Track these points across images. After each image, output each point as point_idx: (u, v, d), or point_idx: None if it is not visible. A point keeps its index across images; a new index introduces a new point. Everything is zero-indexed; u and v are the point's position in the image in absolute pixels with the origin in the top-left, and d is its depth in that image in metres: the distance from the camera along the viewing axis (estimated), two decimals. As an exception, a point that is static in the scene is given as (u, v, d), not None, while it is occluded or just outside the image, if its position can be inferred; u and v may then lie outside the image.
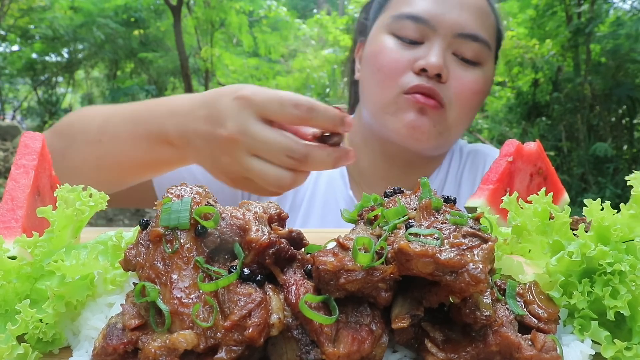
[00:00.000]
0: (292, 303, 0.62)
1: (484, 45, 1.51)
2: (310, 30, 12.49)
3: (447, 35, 1.47)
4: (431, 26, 1.47)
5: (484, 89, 1.56)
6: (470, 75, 1.51)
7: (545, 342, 0.61)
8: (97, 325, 0.69)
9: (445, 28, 1.47)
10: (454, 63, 1.49)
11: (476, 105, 1.58)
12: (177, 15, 9.60)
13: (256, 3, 10.92)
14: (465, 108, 1.54)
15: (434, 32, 1.47)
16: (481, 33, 1.50)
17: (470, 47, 1.50)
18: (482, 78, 1.54)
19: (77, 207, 0.75)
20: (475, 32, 1.49)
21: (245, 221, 0.67)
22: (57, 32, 11.18)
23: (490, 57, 1.57)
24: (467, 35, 1.48)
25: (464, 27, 1.48)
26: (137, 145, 1.26)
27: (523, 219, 0.77)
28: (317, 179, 1.68)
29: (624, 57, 6.91)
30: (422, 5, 1.50)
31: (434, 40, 1.47)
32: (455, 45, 1.49)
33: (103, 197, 0.79)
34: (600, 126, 7.54)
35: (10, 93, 15.03)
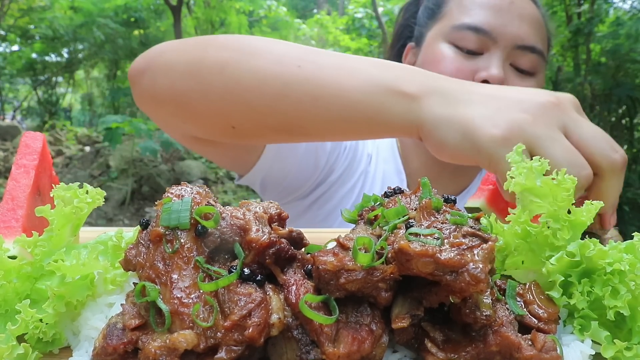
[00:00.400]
0: (292, 303, 0.62)
1: (540, 56, 1.54)
2: (310, 30, 12.49)
3: (507, 46, 1.49)
4: (492, 37, 1.49)
5: None
6: (527, 85, 1.51)
7: (545, 342, 0.61)
8: (97, 325, 0.69)
9: (505, 40, 1.49)
10: (512, 74, 1.52)
11: None
12: (177, 15, 9.61)
13: (256, 3, 10.92)
14: None
15: (494, 43, 1.49)
16: (538, 44, 1.53)
17: (528, 58, 1.52)
18: (535, 87, 1.53)
19: (75, 205, 0.75)
20: (533, 44, 1.52)
21: (245, 221, 0.67)
22: (56, 32, 11.18)
23: (543, 67, 1.59)
24: (526, 47, 1.51)
25: (524, 39, 1.50)
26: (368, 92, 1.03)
27: (506, 239, 0.78)
28: (374, 174, 1.71)
29: (624, 57, 6.91)
30: (483, 16, 1.51)
31: (494, 52, 1.49)
32: (514, 56, 1.51)
33: (100, 193, 0.79)
34: (600, 126, 7.53)
35: (10, 93, 15.04)
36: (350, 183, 1.69)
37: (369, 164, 1.73)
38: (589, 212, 0.74)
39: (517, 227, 0.76)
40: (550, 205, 0.74)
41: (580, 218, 0.74)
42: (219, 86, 1.11)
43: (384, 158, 1.74)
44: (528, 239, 0.76)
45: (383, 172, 1.72)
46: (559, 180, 0.74)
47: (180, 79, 1.15)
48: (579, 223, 0.74)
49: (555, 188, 0.74)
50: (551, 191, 0.74)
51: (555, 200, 0.74)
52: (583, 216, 0.74)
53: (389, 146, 1.76)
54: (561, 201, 0.73)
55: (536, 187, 0.75)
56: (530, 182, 0.76)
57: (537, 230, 0.74)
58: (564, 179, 0.73)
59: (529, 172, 0.76)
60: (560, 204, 0.73)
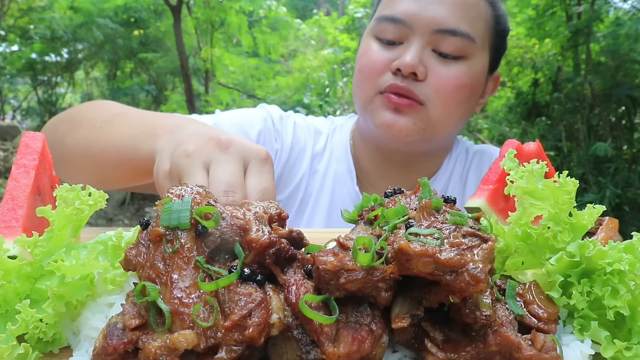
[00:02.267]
0: (292, 303, 0.62)
1: (466, 39, 1.49)
2: (310, 30, 12.48)
3: (424, 33, 1.48)
4: (408, 26, 1.49)
5: (468, 82, 1.53)
6: (451, 70, 1.50)
7: (545, 342, 0.61)
8: (97, 325, 0.69)
9: (422, 26, 1.48)
10: (433, 59, 1.50)
11: (463, 99, 1.55)
12: (177, 15, 9.60)
13: (256, 3, 10.91)
14: (450, 103, 1.52)
15: (411, 30, 1.49)
16: (462, 27, 1.49)
17: (451, 42, 1.49)
18: (465, 72, 1.52)
19: (77, 206, 0.75)
20: (453, 27, 1.48)
21: (245, 221, 0.67)
22: (55, 32, 11.17)
23: (477, 50, 1.53)
24: (445, 31, 1.48)
25: (441, 23, 1.47)
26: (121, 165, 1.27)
27: (506, 240, 0.78)
28: (325, 173, 1.71)
29: (624, 57, 6.91)
30: (401, 6, 1.52)
31: (412, 39, 1.49)
32: (435, 42, 1.49)
33: (102, 196, 0.79)
34: (600, 126, 7.54)
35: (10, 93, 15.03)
36: (293, 183, 1.69)
37: (319, 162, 1.74)
38: (591, 215, 0.74)
39: (518, 229, 0.76)
40: (551, 207, 0.74)
41: (582, 221, 0.74)
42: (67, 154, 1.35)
43: (337, 157, 1.74)
44: (528, 241, 0.76)
45: (335, 171, 1.72)
46: (560, 182, 0.74)
47: (52, 148, 1.17)
48: (580, 226, 0.74)
49: (557, 191, 0.74)
50: (552, 194, 0.74)
51: (556, 203, 0.74)
52: (584, 219, 0.73)
53: (343, 145, 1.77)
54: (562, 204, 0.73)
55: (537, 189, 0.75)
56: (532, 185, 0.76)
57: (538, 232, 0.74)
58: (566, 182, 0.73)
59: (530, 175, 0.76)
60: (561, 207, 0.73)
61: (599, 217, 0.83)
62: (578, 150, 7.41)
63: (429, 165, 1.74)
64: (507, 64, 8.80)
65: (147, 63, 12.87)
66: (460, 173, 1.76)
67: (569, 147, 7.71)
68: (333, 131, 1.81)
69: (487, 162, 1.76)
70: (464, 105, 1.57)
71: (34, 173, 0.88)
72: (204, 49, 10.95)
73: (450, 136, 1.68)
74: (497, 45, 1.62)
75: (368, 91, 1.55)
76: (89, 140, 1.32)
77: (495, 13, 1.58)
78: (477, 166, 1.77)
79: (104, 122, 1.34)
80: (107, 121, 1.35)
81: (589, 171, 6.96)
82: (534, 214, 0.76)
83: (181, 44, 9.92)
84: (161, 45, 12.53)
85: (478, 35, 1.52)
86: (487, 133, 9.20)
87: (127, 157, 1.23)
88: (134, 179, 1.32)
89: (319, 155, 1.76)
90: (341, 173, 1.72)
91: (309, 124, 1.81)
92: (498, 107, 9.42)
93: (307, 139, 1.77)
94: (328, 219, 1.67)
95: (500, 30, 1.62)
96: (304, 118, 1.86)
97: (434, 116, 1.52)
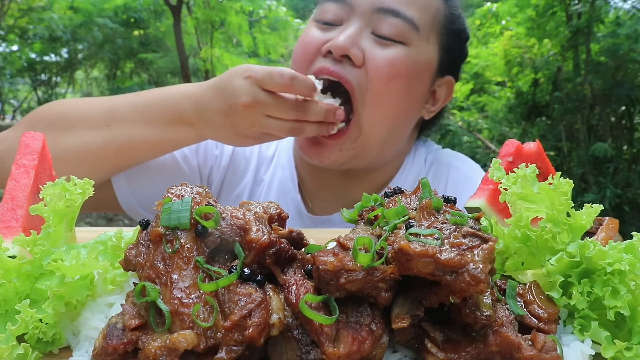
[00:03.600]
0: (292, 303, 0.62)
1: (408, 23, 1.37)
2: (310, 30, 12.46)
3: (365, 12, 1.38)
4: (348, 3, 1.39)
5: (404, 71, 1.38)
6: (387, 53, 1.36)
7: (545, 342, 0.61)
8: (97, 325, 0.69)
9: (362, 4, 1.38)
10: (371, 42, 1.37)
11: (397, 92, 1.39)
12: (177, 15, 9.60)
13: (256, 3, 10.91)
14: (382, 96, 1.37)
15: (352, 10, 1.39)
16: (405, 9, 1.37)
17: (390, 23, 1.37)
18: (403, 58, 1.37)
19: (68, 198, 0.76)
20: (395, 7, 1.37)
21: (245, 221, 0.67)
22: (55, 32, 11.18)
23: (420, 40, 1.40)
24: (387, 10, 1.36)
25: (383, 1, 1.37)
26: (154, 127, 1.36)
27: (506, 242, 0.78)
28: (270, 181, 1.64)
29: (624, 57, 6.91)
30: None
31: (352, 20, 1.39)
32: (375, 23, 1.37)
33: (88, 183, 0.79)
34: (600, 126, 7.54)
35: (10, 93, 15.03)
36: (236, 191, 1.64)
37: (266, 171, 1.67)
38: (589, 215, 0.74)
39: (517, 231, 0.76)
40: (548, 209, 0.74)
41: (580, 221, 0.74)
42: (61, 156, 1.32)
43: (282, 164, 1.66)
44: (528, 243, 0.76)
45: (280, 178, 1.64)
46: (555, 184, 0.74)
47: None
48: (579, 226, 0.74)
49: (552, 193, 0.74)
50: (548, 196, 0.74)
51: (553, 205, 0.74)
52: (583, 219, 0.74)
53: (287, 152, 1.68)
54: (559, 205, 0.73)
55: (532, 193, 0.75)
56: (526, 190, 0.76)
57: (537, 234, 0.74)
58: (561, 183, 0.73)
59: (523, 180, 0.76)
60: (558, 208, 0.73)
61: (599, 217, 0.83)
62: (578, 150, 7.41)
63: (377, 176, 1.58)
64: (507, 64, 8.80)
65: (147, 63, 12.88)
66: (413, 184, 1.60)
67: (569, 147, 7.71)
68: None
69: (444, 174, 1.61)
70: (399, 100, 1.41)
71: (33, 173, 0.88)
72: (203, 49, 10.95)
73: (388, 142, 1.48)
74: (450, 46, 1.49)
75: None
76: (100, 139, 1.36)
77: (449, 12, 1.48)
78: (432, 179, 1.60)
79: (105, 120, 1.37)
80: (107, 118, 1.38)
81: (589, 171, 6.96)
82: (530, 217, 0.76)
83: (181, 44, 9.92)
84: (161, 45, 12.54)
85: (423, 26, 1.40)
86: (487, 133, 9.20)
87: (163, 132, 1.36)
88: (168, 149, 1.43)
89: (266, 162, 1.68)
90: (285, 181, 1.64)
91: None
92: (498, 107, 9.42)
93: (253, 147, 1.68)
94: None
95: (455, 30, 1.50)
96: None
97: (366, 122, 1.38)
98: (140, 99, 1.41)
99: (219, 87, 1.33)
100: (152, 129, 1.36)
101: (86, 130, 1.37)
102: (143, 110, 1.37)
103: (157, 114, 1.36)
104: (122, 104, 1.40)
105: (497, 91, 9.85)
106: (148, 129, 1.36)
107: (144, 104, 1.39)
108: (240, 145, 1.43)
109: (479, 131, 9.22)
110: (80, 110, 1.43)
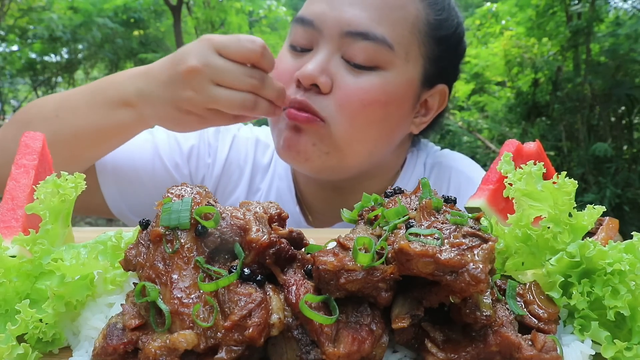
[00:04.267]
0: (292, 303, 0.62)
1: (380, 44, 1.26)
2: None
3: (333, 36, 1.28)
4: (316, 27, 1.29)
5: (382, 98, 1.28)
6: (360, 82, 1.27)
7: (545, 342, 0.61)
8: (97, 325, 0.69)
9: (329, 27, 1.28)
10: (342, 69, 1.28)
11: (375, 118, 1.31)
12: (177, 15, 9.61)
13: (256, 3, 10.92)
14: (356, 121, 1.28)
15: (320, 34, 1.29)
16: (376, 30, 1.25)
17: (361, 47, 1.26)
18: (378, 84, 1.28)
19: (62, 193, 0.76)
20: (364, 29, 1.25)
21: (245, 221, 0.67)
22: (54, 32, 11.18)
23: (397, 60, 1.29)
24: (355, 34, 1.25)
25: (350, 24, 1.25)
26: (95, 112, 1.27)
27: (506, 241, 0.78)
28: (267, 191, 1.60)
29: (624, 57, 6.91)
30: (313, 7, 1.32)
31: (321, 45, 1.30)
32: (345, 47, 1.27)
33: (79, 176, 0.79)
34: (600, 126, 7.54)
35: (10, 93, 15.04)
36: (230, 200, 1.58)
37: (263, 180, 1.61)
38: (591, 216, 0.73)
39: (518, 231, 0.76)
40: (550, 208, 0.74)
41: (582, 222, 0.73)
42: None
43: (279, 174, 1.60)
44: (528, 242, 0.76)
45: (277, 188, 1.58)
46: (560, 183, 0.73)
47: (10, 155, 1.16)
48: (580, 227, 0.74)
49: (556, 192, 0.73)
50: (552, 195, 0.74)
51: (556, 204, 0.73)
52: (584, 220, 0.73)
53: (283, 163, 1.57)
54: (562, 205, 0.73)
55: (536, 191, 0.75)
56: (531, 187, 0.75)
57: (538, 233, 0.74)
58: (565, 183, 0.73)
59: (528, 176, 0.76)
60: (561, 208, 0.73)
61: (599, 217, 0.83)
62: (578, 150, 7.41)
63: (371, 185, 1.51)
64: (507, 64, 8.80)
65: (147, 63, 12.85)
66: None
67: (569, 147, 7.71)
68: None
69: (446, 176, 1.58)
70: (377, 124, 1.33)
71: (33, 173, 0.88)
72: (204, 49, 10.92)
73: (370, 158, 1.40)
74: (436, 55, 1.37)
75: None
76: (50, 131, 1.24)
77: (433, 18, 1.35)
78: (434, 182, 1.56)
79: (55, 110, 1.32)
80: (57, 108, 1.32)
81: (589, 171, 6.96)
82: (533, 215, 0.76)
83: (181, 44, 9.92)
84: (161, 45, 12.54)
85: (400, 42, 1.29)
86: (487, 133, 9.20)
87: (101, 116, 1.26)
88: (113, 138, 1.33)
89: (262, 170, 1.62)
90: (283, 191, 1.57)
91: (254, 135, 1.66)
92: (498, 107, 9.42)
93: (247, 153, 1.61)
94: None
95: (442, 37, 1.37)
96: (251, 130, 1.69)
97: (337, 135, 1.29)
98: (92, 84, 1.35)
99: (172, 55, 1.23)
100: (95, 115, 1.27)
101: (39, 123, 1.31)
102: (89, 97, 1.29)
103: (101, 98, 1.27)
104: (74, 92, 1.35)
105: (497, 91, 9.85)
106: (92, 115, 1.27)
107: (91, 89, 1.31)
108: (180, 129, 1.29)
109: (479, 131, 9.22)
110: (40, 103, 1.40)
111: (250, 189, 1.61)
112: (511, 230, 0.77)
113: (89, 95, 1.30)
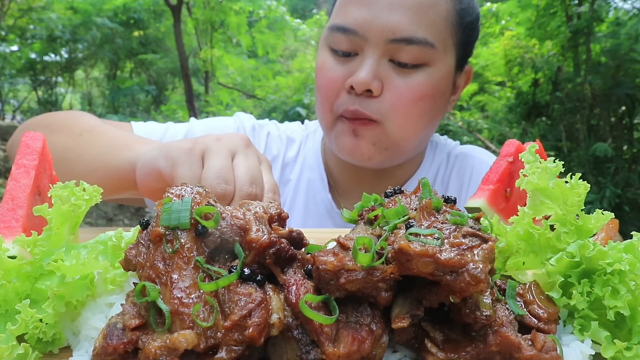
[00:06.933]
0: (292, 303, 0.62)
1: (424, 45, 1.37)
2: (309, 30, 12.49)
3: (379, 43, 1.37)
4: (360, 36, 1.38)
5: (430, 92, 1.42)
6: (409, 81, 1.39)
7: (545, 342, 0.61)
8: (97, 325, 0.69)
9: (375, 36, 1.37)
10: (391, 71, 1.39)
11: (425, 110, 1.44)
12: (177, 15, 9.61)
13: (256, 3, 10.93)
14: (409, 116, 1.42)
15: (365, 41, 1.38)
16: (418, 33, 1.36)
17: (407, 51, 1.37)
18: (426, 81, 1.40)
19: (73, 202, 0.75)
20: (409, 35, 1.36)
21: (245, 221, 0.67)
22: (54, 32, 11.19)
23: (439, 55, 1.41)
24: (401, 40, 1.36)
25: (395, 32, 1.35)
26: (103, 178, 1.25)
27: (508, 239, 0.77)
28: (298, 182, 1.68)
29: (624, 57, 6.91)
30: (352, 15, 1.40)
31: (367, 51, 1.39)
32: (391, 52, 1.38)
33: (97, 190, 0.79)
34: (600, 126, 7.55)
35: (10, 93, 15.05)
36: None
37: (292, 171, 1.70)
38: (598, 220, 0.73)
39: (520, 229, 0.76)
40: (559, 208, 0.73)
41: (588, 225, 0.73)
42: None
43: (310, 165, 1.70)
44: (530, 241, 0.75)
45: (308, 179, 1.68)
46: (572, 184, 0.73)
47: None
48: (586, 229, 0.73)
49: (567, 191, 0.73)
50: (562, 194, 0.73)
51: (565, 204, 0.73)
52: (591, 224, 0.73)
53: (315, 153, 1.72)
54: (571, 205, 0.72)
55: (548, 188, 0.75)
56: (543, 183, 0.75)
57: (540, 232, 0.74)
58: (577, 184, 0.72)
59: (542, 172, 0.75)
60: (569, 208, 0.72)
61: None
62: (578, 150, 7.41)
63: (404, 171, 1.67)
64: (507, 64, 8.80)
65: (147, 63, 12.89)
66: (442, 178, 1.70)
67: (569, 147, 7.71)
68: (306, 138, 1.78)
69: (469, 166, 1.70)
70: (427, 115, 1.47)
71: (34, 173, 0.88)
72: (203, 49, 10.97)
73: (421, 144, 1.58)
74: (464, 40, 1.50)
75: (328, 116, 1.49)
76: (66, 147, 1.31)
77: (460, 7, 1.45)
78: (458, 171, 1.70)
79: (83, 131, 1.35)
80: (87, 130, 1.36)
81: (589, 171, 6.96)
82: (543, 211, 0.76)
83: (181, 44, 9.92)
84: (161, 45, 12.55)
85: (439, 39, 1.40)
86: (487, 133, 9.20)
87: (105, 163, 1.23)
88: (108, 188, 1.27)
89: (290, 163, 1.72)
90: (314, 181, 1.68)
91: (282, 133, 1.77)
92: (498, 107, 9.43)
93: (279, 149, 1.72)
94: (303, 227, 1.61)
95: (467, 23, 1.49)
96: (278, 127, 1.80)
97: (393, 133, 1.43)
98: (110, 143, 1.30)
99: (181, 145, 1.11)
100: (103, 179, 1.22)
101: (65, 135, 1.35)
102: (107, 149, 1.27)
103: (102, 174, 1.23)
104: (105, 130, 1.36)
105: (497, 91, 9.86)
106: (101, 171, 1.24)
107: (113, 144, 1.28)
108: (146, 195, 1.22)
109: (479, 131, 9.22)
110: (74, 118, 1.45)
111: (281, 181, 1.69)
112: (513, 229, 0.77)
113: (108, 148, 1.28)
